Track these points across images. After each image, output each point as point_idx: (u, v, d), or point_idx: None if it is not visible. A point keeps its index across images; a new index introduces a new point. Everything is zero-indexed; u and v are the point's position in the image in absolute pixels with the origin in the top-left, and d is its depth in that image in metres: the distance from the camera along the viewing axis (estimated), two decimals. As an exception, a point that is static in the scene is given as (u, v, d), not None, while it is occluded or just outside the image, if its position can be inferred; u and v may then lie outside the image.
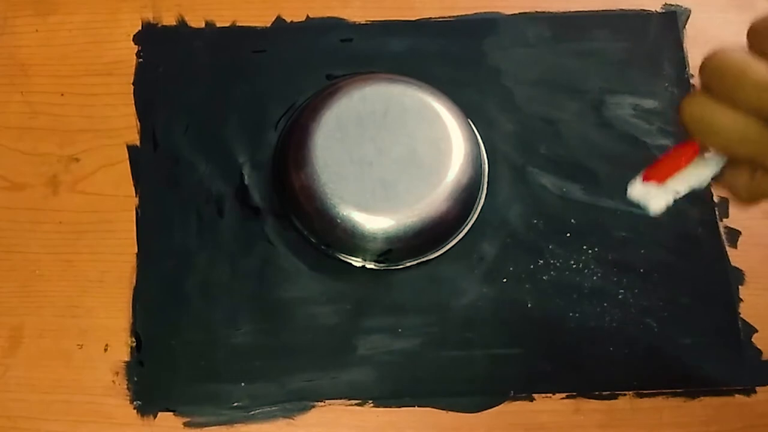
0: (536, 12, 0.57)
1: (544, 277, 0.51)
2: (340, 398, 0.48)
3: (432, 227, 0.49)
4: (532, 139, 0.54)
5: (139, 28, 0.56)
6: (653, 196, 0.34)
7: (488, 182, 0.52)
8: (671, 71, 0.56)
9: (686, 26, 0.57)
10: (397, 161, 0.48)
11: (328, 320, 0.49)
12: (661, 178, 0.34)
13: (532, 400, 0.48)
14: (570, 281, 0.50)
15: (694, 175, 0.33)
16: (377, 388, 0.48)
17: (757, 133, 0.28)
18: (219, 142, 0.53)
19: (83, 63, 0.55)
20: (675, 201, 0.34)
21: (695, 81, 0.55)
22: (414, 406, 0.48)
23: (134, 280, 0.50)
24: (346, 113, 0.49)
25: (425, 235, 0.49)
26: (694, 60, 0.56)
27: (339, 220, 0.48)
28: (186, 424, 0.47)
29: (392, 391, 0.48)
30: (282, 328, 0.49)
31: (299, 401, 0.48)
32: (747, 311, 0.50)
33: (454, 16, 0.57)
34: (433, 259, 0.51)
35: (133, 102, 0.54)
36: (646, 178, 0.34)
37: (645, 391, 0.48)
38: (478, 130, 0.53)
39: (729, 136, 0.29)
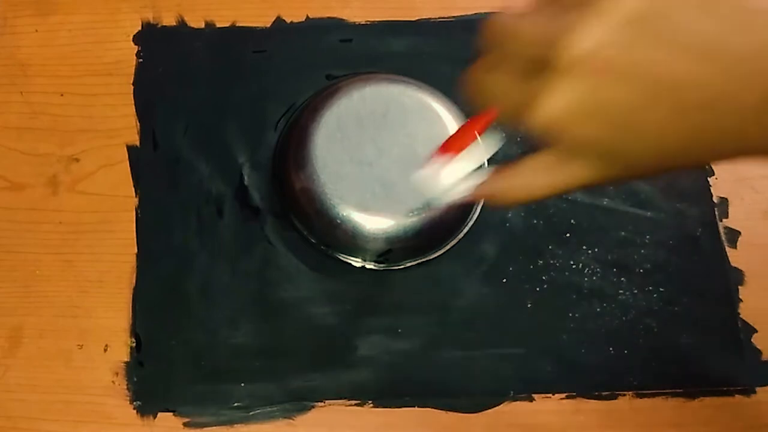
0: (536, 12, 0.57)
1: (544, 277, 0.51)
2: (340, 398, 0.48)
3: (432, 227, 0.49)
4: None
5: (139, 28, 0.56)
6: (439, 179, 0.35)
7: (488, 182, 0.52)
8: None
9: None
10: (397, 161, 0.48)
11: (328, 320, 0.49)
12: (458, 149, 0.35)
13: (532, 400, 0.48)
14: (570, 281, 0.50)
15: (481, 151, 0.35)
16: (377, 388, 0.48)
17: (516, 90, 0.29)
18: (219, 143, 0.53)
19: (83, 63, 0.55)
20: (460, 183, 0.35)
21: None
22: (414, 406, 0.48)
23: (134, 281, 0.50)
24: (346, 113, 0.49)
25: (425, 235, 0.49)
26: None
27: (339, 221, 0.48)
28: (186, 425, 0.47)
29: (392, 391, 0.48)
30: (282, 328, 0.49)
31: (299, 401, 0.48)
32: (747, 311, 0.50)
33: (454, 16, 0.57)
34: (433, 259, 0.51)
35: (133, 102, 0.54)
36: (442, 150, 0.35)
37: (645, 391, 0.48)
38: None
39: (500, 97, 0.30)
